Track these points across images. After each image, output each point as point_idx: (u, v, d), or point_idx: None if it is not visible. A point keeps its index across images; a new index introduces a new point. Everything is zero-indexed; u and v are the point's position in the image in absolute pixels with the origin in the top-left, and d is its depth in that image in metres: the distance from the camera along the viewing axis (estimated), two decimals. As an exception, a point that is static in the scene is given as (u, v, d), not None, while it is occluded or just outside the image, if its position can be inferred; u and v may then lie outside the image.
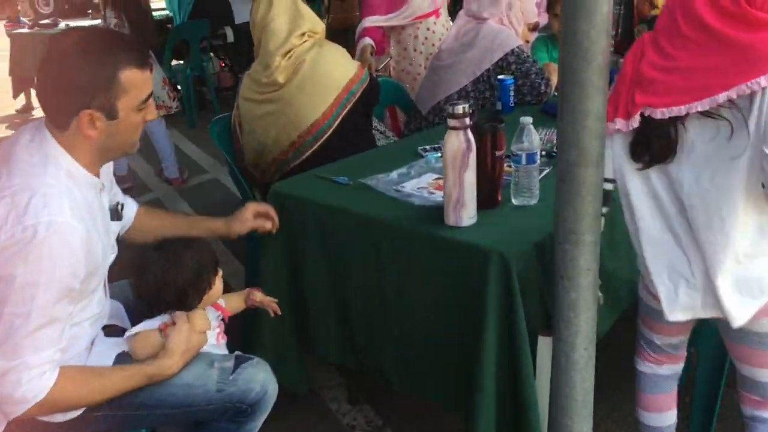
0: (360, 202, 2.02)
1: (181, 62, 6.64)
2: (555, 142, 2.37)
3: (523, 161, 1.86)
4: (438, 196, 1.98)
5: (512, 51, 2.92)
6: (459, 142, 1.73)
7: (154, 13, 6.30)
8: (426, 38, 3.63)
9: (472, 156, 1.75)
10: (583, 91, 1.45)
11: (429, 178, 2.14)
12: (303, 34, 2.47)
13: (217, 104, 6.61)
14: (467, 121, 1.74)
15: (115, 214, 1.72)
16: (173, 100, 4.71)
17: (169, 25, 6.83)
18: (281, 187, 2.20)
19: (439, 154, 2.33)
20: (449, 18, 3.77)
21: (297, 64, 2.43)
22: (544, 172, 2.09)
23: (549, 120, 2.69)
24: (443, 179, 1.80)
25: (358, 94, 2.47)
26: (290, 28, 2.44)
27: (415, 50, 3.64)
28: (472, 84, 2.98)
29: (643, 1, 3.42)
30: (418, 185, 2.08)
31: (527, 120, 1.87)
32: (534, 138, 1.86)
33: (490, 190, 1.87)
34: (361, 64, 2.53)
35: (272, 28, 2.45)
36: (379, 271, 1.92)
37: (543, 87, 2.91)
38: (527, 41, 3.14)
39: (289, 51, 2.44)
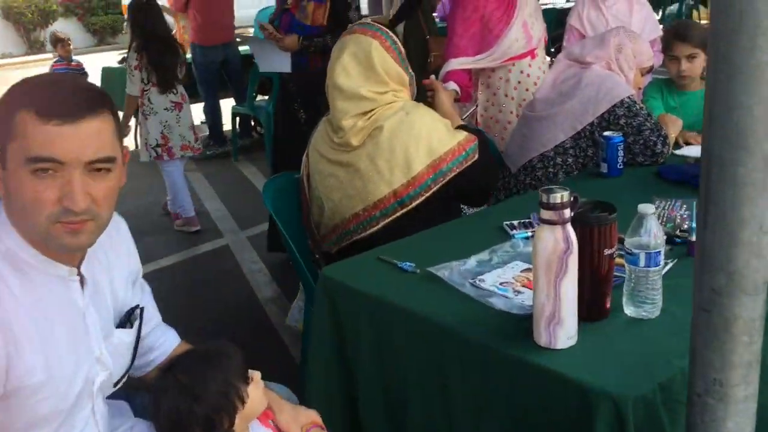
0: (425, 298, 1.62)
1: (266, 98, 6.49)
2: (679, 221, 1.89)
3: (641, 263, 1.40)
4: (527, 297, 1.54)
5: (621, 102, 2.45)
6: (555, 241, 1.30)
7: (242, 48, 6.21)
8: (519, 82, 3.20)
9: (573, 259, 1.32)
10: (737, 192, 1.00)
11: (516, 268, 1.71)
12: (385, 93, 2.10)
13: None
14: (567, 213, 1.31)
15: (126, 319, 1.38)
16: (196, 141, 4.57)
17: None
18: (333, 272, 1.82)
19: (529, 233, 1.90)
20: (546, 58, 3.34)
21: (374, 128, 2.06)
22: (667, 267, 1.61)
23: (668, 187, 2.21)
24: (533, 285, 1.37)
25: (452, 174, 2.06)
26: (363, 84, 2.08)
27: (506, 95, 3.22)
28: (572, 140, 2.52)
29: None
30: (501, 279, 1.66)
31: (647, 209, 1.41)
32: (657, 232, 1.40)
33: (597, 298, 1.43)
34: (467, 137, 2.12)
35: (340, 84, 2.10)
36: (443, 396, 1.50)
37: (659, 146, 2.42)
38: (639, 88, 2.67)
39: (370, 111, 2.08)
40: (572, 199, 1.32)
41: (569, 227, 1.31)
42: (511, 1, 3.15)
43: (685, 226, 1.83)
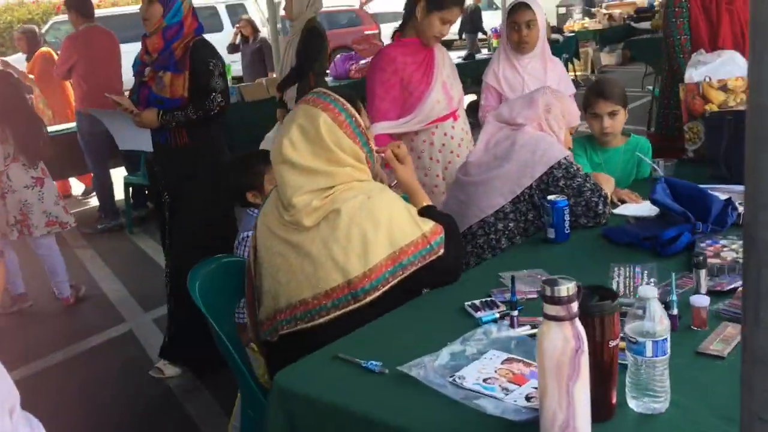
0: (402, 405, 1.42)
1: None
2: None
3: (648, 352, 1.27)
4: (518, 396, 1.38)
5: (558, 163, 2.38)
6: (564, 339, 1.14)
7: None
8: (443, 144, 3.11)
9: (585, 358, 1.17)
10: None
11: (495, 359, 1.54)
12: (342, 168, 1.91)
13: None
14: (575, 307, 1.16)
15: None
16: (67, 214, 4.39)
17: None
18: (287, 379, 1.58)
19: (496, 315, 1.75)
20: (467, 120, 3.27)
21: (331, 210, 1.86)
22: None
23: (619, 250, 2.13)
24: (540, 390, 1.21)
25: (412, 269, 1.87)
26: (313, 160, 1.88)
27: (431, 159, 3.11)
28: (511, 204, 2.43)
29: (693, 96, 2.94)
30: (483, 374, 1.48)
31: (648, 293, 1.29)
32: (662, 317, 1.28)
33: (602, 395, 1.28)
34: (433, 229, 1.93)
35: (290, 157, 1.89)
36: None
37: (601, 206, 2.36)
38: (569, 148, 2.62)
39: (327, 189, 1.88)
40: (578, 288, 1.17)
41: (577, 322, 1.16)
42: (429, 63, 3.07)
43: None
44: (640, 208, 2.50)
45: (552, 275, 1.98)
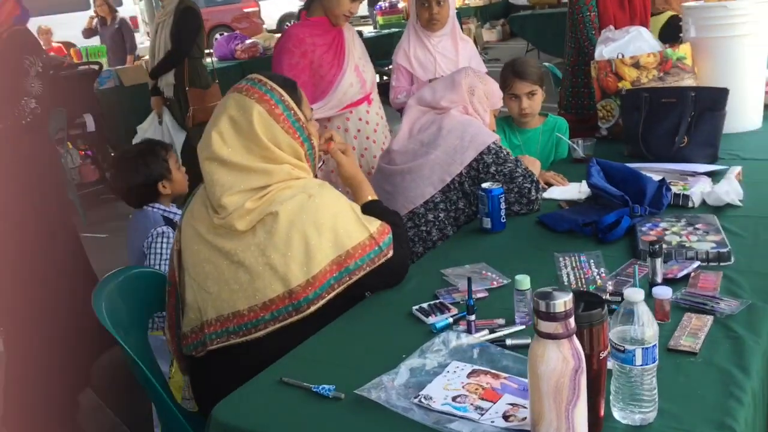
0: (368, 436, 1.26)
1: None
2: (601, 281, 1.72)
3: (638, 361, 1.17)
4: (494, 415, 1.25)
5: (488, 148, 2.28)
6: (563, 359, 1.02)
7: None
8: (359, 130, 2.94)
9: (584, 377, 1.05)
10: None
11: (460, 373, 1.40)
12: (280, 165, 1.71)
13: (81, 208, 5.56)
14: (573, 322, 1.04)
15: None
16: None
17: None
18: (227, 413, 1.38)
19: (449, 320, 1.62)
20: (381, 105, 3.11)
21: (268, 213, 1.65)
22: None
23: (558, 238, 2.06)
24: (532, 413, 1.08)
25: (360, 273, 1.70)
26: (245, 156, 1.68)
27: (345, 146, 2.93)
28: (441, 193, 2.30)
29: (605, 74, 2.92)
30: (450, 391, 1.34)
31: (635, 296, 1.19)
32: (651, 324, 1.18)
33: (592, 410, 1.17)
34: (380, 229, 1.76)
35: (219, 153, 1.67)
36: None
37: (533, 192, 2.28)
38: (493, 131, 2.52)
39: (262, 189, 1.67)
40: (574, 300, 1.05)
41: (575, 338, 1.04)
42: (340, 44, 2.89)
43: (612, 289, 1.67)
44: (568, 190, 2.44)
45: (496, 269, 1.88)
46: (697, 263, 1.74)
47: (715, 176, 2.36)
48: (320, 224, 1.66)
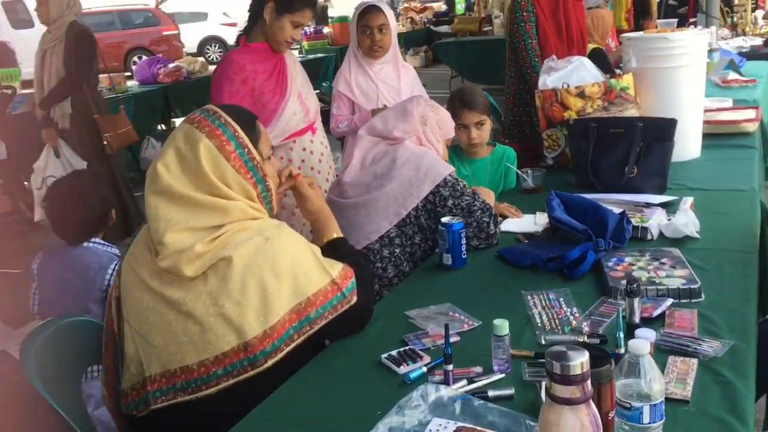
0: None
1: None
2: (576, 323, 1.64)
3: (646, 419, 1.09)
4: (489, 481, 1.14)
5: (445, 181, 2.20)
6: (582, 427, 0.92)
7: None
8: (303, 160, 2.80)
9: (602, 445, 0.95)
10: None
11: (443, 431, 1.29)
12: (234, 202, 1.56)
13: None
14: (590, 385, 0.94)
15: None
16: None
17: None
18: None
19: (423, 369, 1.51)
20: (325, 134, 2.99)
21: (220, 258, 1.49)
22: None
23: (522, 274, 1.98)
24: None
25: (322, 322, 1.56)
26: (198, 191, 1.53)
27: (289, 177, 2.79)
28: (397, 228, 2.20)
29: (551, 103, 2.91)
30: (435, 453, 1.23)
31: (641, 348, 1.11)
32: (658, 378, 1.10)
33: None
34: (342, 272, 1.62)
35: (166, 183, 1.52)
36: None
37: (492, 226, 2.21)
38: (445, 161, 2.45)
39: (215, 229, 1.52)
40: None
41: (592, 403, 0.94)
42: (282, 71, 2.76)
43: (588, 330, 1.60)
44: (524, 223, 2.39)
45: (463, 309, 1.78)
46: (670, 301, 1.69)
47: (668, 207, 2.35)
48: (278, 270, 1.52)
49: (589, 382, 0.94)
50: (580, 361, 0.92)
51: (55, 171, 4.46)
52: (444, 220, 2.07)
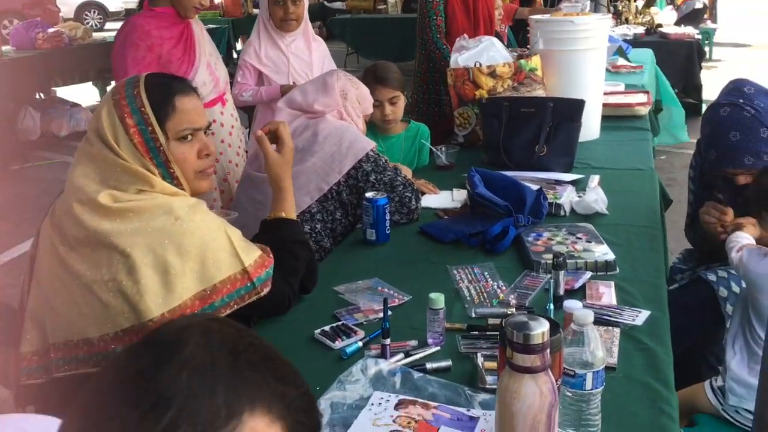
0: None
1: None
2: (503, 295, 1.68)
3: (588, 385, 1.13)
4: (438, 452, 1.15)
5: (367, 156, 2.18)
6: (541, 394, 0.95)
7: None
8: (213, 133, 2.68)
9: (557, 412, 0.98)
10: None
11: (386, 405, 1.29)
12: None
13: None
14: (548, 354, 0.96)
15: None
16: None
17: None
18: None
19: (359, 344, 1.50)
20: (235, 106, 2.89)
21: (122, 233, 1.42)
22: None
23: (445, 249, 2.01)
24: (501, 455, 1.00)
25: (227, 311, 1.48)
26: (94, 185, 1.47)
27: (198, 150, 2.68)
28: (318, 203, 2.17)
29: (463, 81, 2.95)
30: (380, 428, 1.23)
31: (585, 318, 1.14)
32: (600, 346, 1.15)
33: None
34: (258, 260, 1.54)
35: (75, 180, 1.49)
36: None
37: (414, 201, 2.22)
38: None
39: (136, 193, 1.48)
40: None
41: (550, 371, 0.97)
42: (189, 39, 2.63)
43: (515, 302, 1.64)
44: (442, 198, 2.42)
45: (391, 285, 1.78)
46: (589, 274, 1.76)
47: (576, 185, 2.45)
48: (184, 251, 1.45)
49: (548, 351, 0.96)
50: (541, 330, 0.94)
51: None
52: (368, 195, 2.06)
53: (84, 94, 7.96)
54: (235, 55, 9.57)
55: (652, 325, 1.54)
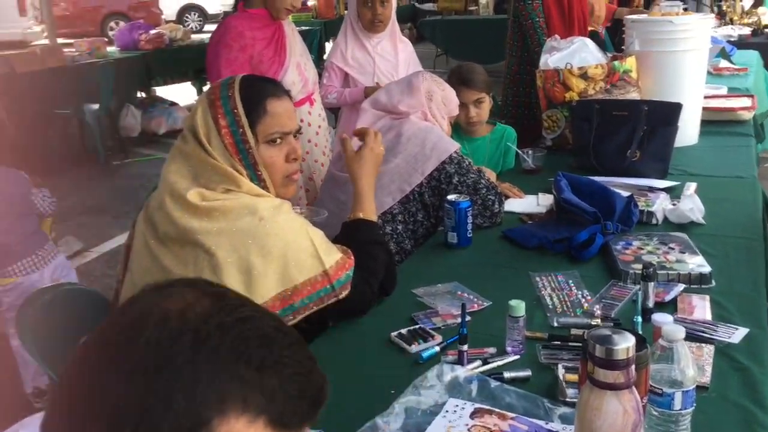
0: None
1: None
2: (588, 305, 1.62)
3: (677, 404, 1.07)
4: (513, 465, 1.11)
5: (450, 158, 2.15)
6: (624, 413, 0.90)
7: None
8: (301, 132, 2.72)
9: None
10: None
11: (462, 413, 1.26)
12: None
13: None
14: (634, 370, 0.91)
15: None
16: None
17: None
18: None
19: (436, 348, 1.48)
20: (323, 106, 2.93)
21: (207, 233, 1.46)
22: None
23: (529, 255, 1.96)
24: (579, 473, 0.95)
25: (306, 312, 1.50)
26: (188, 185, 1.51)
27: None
28: (400, 204, 2.16)
29: (552, 83, 2.87)
30: (452, 430, 1.20)
31: (676, 334, 1.08)
32: (691, 364, 1.08)
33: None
34: (339, 263, 1.54)
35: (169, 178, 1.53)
36: None
37: (497, 205, 2.17)
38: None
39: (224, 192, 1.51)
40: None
41: (634, 388, 0.92)
42: (281, 40, 2.68)
43: (600, 313, 1.57)
44: (527, 203, 2.36)
45: (471, 289, 1.75)
46: (681, 286, 1.68)
47: (671, 192, 2.34)
48: (267, 252, 1.47)
49: (633, 367, 0.91)
50: (625, 345, 0.89)
51: None
52: (450, 197, 2.03)
53: (182, 93, 8.27)
54: (325, 57, 9.73)
55: (750, 343, 1.45)
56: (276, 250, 1.47)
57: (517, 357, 1.44)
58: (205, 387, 0.51)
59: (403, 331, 1.55)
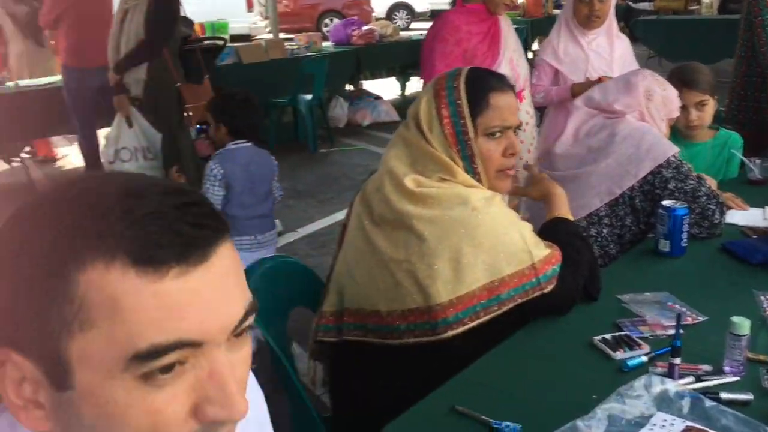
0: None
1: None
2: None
3: None
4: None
5: (668, 162, 2.03)
6: None
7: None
8: (522, 130, 2.73)
9: None
10: None
11: (670, 428, 1.19)
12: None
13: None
14: None
15: None
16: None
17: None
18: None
19: (643, 359, 1.40)
20: (532, 103, 2.89)
21: (421, 218, 1.49)
22: None
23: (752, 271, 1.79)
24: None
25: (511, 304, 1.48)
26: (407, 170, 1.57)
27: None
28: (607, 207, 2.07)
29: None
30: (661, 450, 1.14)
31: None
32: None
33: None
34: (547, 257, 1.52)
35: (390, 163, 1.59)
36: None
37: (717, 215, 2.02)
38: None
39: (438, 181, 1.55)
40: None
41: None
42: (495, 34, 2.69)
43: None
44: (751, 216, 2.17)
45: (681, 300, 1.64)
46: None
47: None
48: (478, 243, 1.47)
49: None
50: None
51: (129, 142, 4.12)
52: (665, 203, 1.91)
53: (387, 87, 8.57)
54: (530, 55, 9.58)
55: None
56: (486, 242, 1.48)
57: (737, 378, 1.33)
58: (62, 238, 0.54)
59: (608, 336, 1.49)
